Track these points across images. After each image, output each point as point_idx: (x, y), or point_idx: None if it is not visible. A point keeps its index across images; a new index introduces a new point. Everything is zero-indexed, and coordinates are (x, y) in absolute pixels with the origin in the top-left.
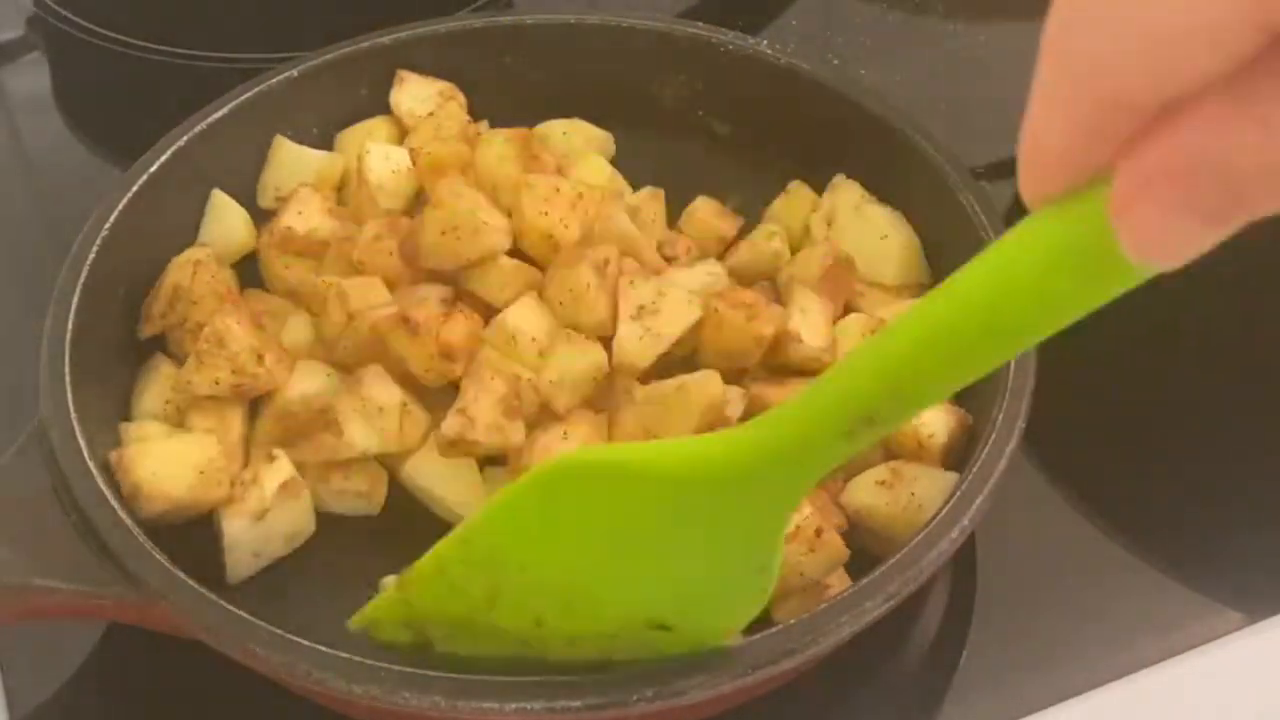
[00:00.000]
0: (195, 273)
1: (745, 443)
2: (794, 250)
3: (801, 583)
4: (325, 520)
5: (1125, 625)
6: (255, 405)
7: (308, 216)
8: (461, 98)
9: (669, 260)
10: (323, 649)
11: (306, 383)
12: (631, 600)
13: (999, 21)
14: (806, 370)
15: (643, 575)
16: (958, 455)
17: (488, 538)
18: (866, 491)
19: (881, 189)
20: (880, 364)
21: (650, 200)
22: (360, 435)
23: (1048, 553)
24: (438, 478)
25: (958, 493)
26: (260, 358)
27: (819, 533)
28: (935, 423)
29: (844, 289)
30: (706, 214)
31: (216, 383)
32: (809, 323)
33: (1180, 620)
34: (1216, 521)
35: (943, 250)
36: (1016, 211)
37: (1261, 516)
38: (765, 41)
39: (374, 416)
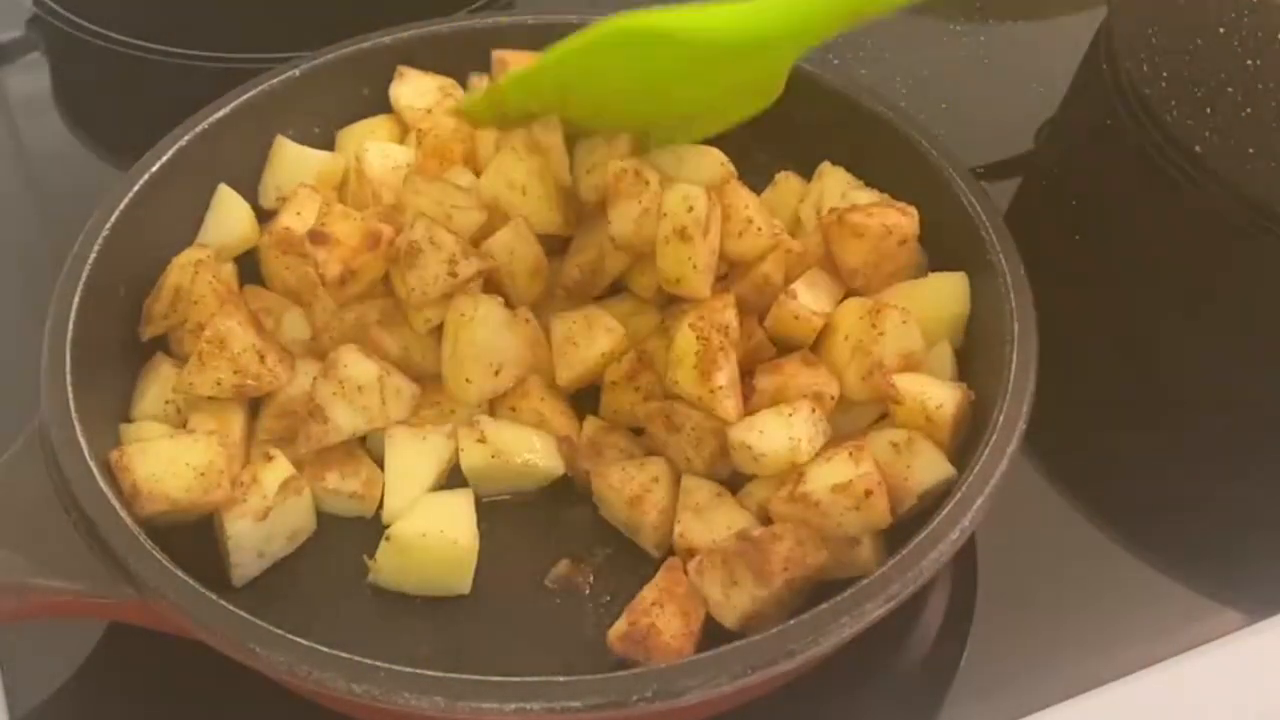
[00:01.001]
0: (196, 273)
1: (769, 13)
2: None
3: (838, 533)
4: (324, 521)
5: (1125, 625)
6: (254, 406)
7: (306, 217)
8: (461, 94)
9: None
10: (323, 649)
11: (307, 380)
12: (667, 105)
13: (999, 21)
14: (802, 341)
15: (678, 92)
16: (964, 430)
17: (560, 71)
18: (878, 445)
19: (882, 188)
20: None
21: None
22: (345, 418)
23: (1048, 553)
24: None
25: (958, 494)
26: (262, 358)
27: (868, 493)
28: (942, 395)
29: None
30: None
31: (218, 383)
32: (814, 293)
33: (1180, 620)
34: (1216, 521)
35: (943, 249)
36: (1017, 211)
37: (1261, 517)
38: None
39: (354, 396)
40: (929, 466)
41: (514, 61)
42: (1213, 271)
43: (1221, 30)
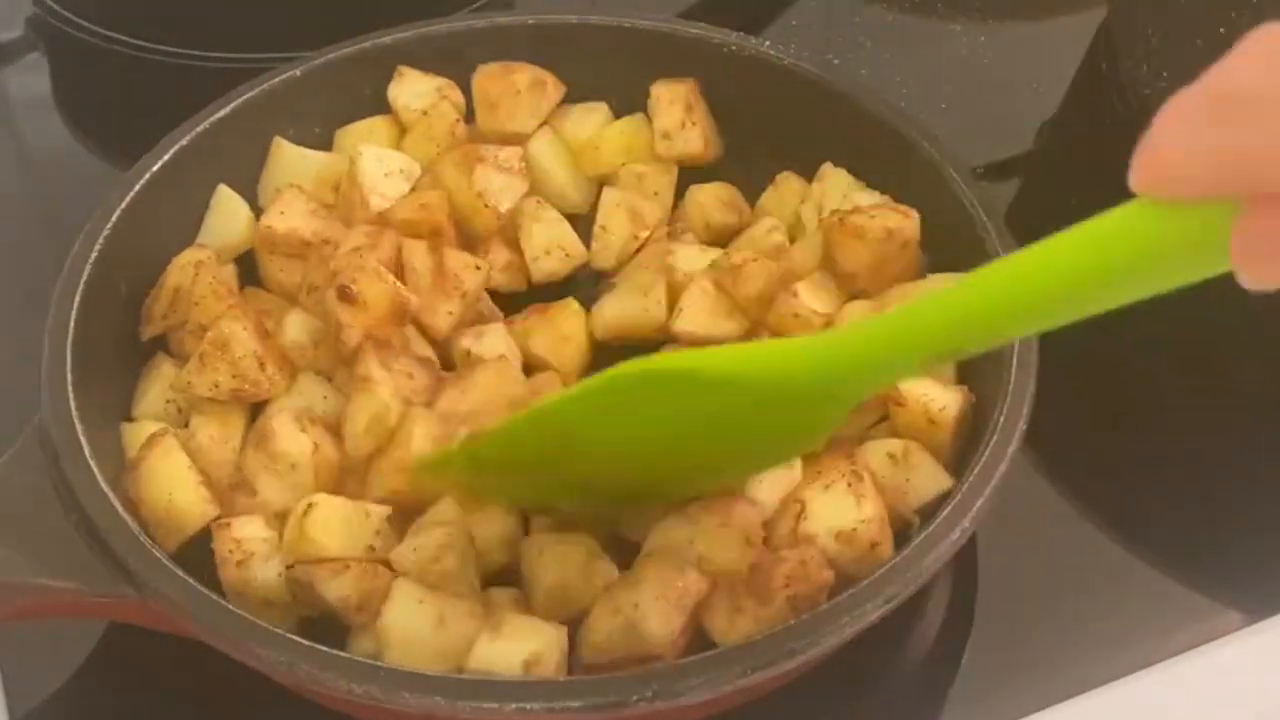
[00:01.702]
0: (197, 274)
1: (826, 351)
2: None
3: (837, 581)
4: None
5: (1125, 625)
6: (254, 407)
7: (289, 216)
8: (458, 95)
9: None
10: (323, 649)
11: (300, 399)
12: (681, 468)
13: (999, 21)
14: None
15: (697, 451)
16: (964, 434)
17: (559, 418)
18: (875, 458)
19: (883, 188)
20: (977, 301)
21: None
22: (274, 493)
23: (1048, 554)
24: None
25: (959, 494)
26: (262, 365)
27: (874, 545)
28: (944, 398)
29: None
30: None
31: (216, 385)
32: (816, 293)
33: (1180, 620)
34: (1216, 521)
35: (943, 250)
36: (1017, 211)
37: (1261, 516)
38: (767, 42)
39: (286, 473)
40: (928, 479)
41: (414, 79)
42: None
43: (1221, 30)
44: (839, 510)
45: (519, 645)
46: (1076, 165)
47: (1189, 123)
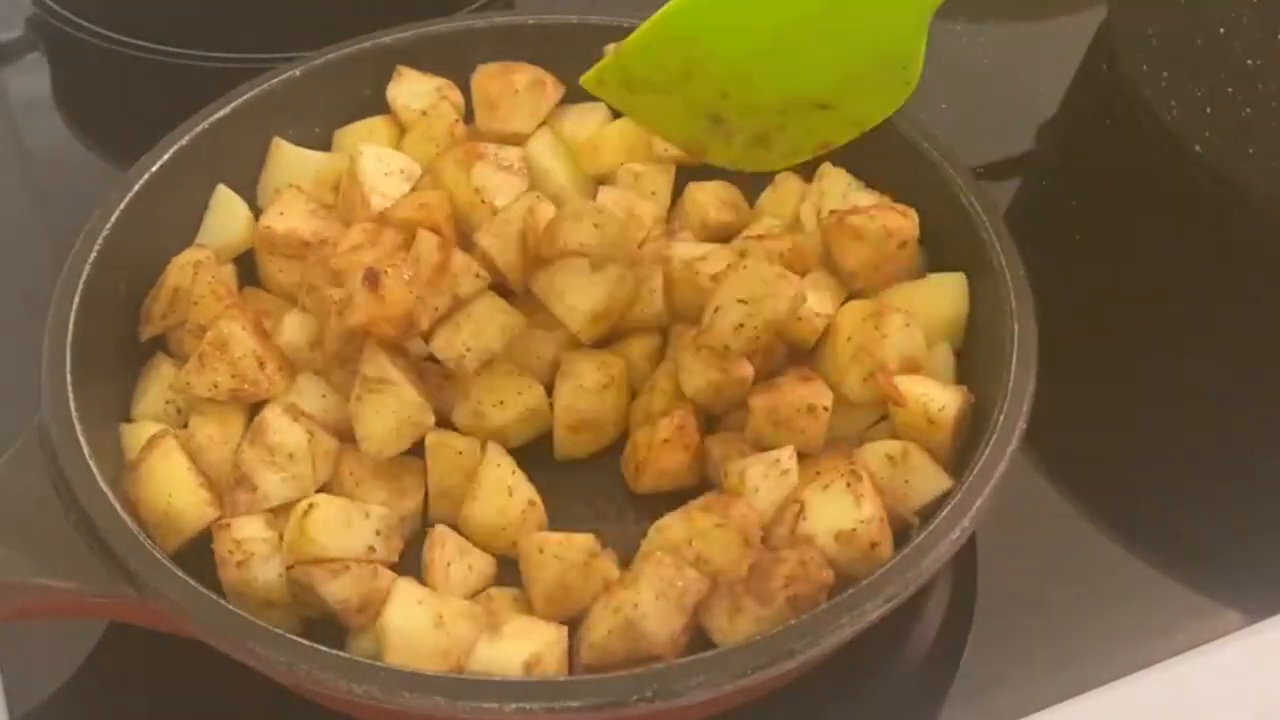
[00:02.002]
0: (196, 274)
1: None
2: None
3: (837, 581)
4: None
5: (1125, 625)
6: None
7: (288, 217)
8: (457, 95)
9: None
10: (323, 649)
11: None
12: (801, 79)
13: (999, 21)
14: (804, 342)
15: (811, 58)
16: (964, 434)
17: (684, 21)
18: (874, 459)
19: (882, 188)
20: None
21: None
22: (274, 487)
23: (1048, 554)
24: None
25: (959, 494)
26: (262, 365)
27: (873, 545)
28: (944, 398)
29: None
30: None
31: (215, 385)
32: (817, 293)
33: (1180, 620)
34: (1216, 521)
35: (942, 249)
36: (1017, 211)
37: (1261, 517)
38: None
39: (285, 464)
40: (927, 480)
41: (413, 79)
42: (1213, 271)
43: (1221, 30)
44: (838, 511)
45: (519, 646)
46: (1076, 165)
47: None
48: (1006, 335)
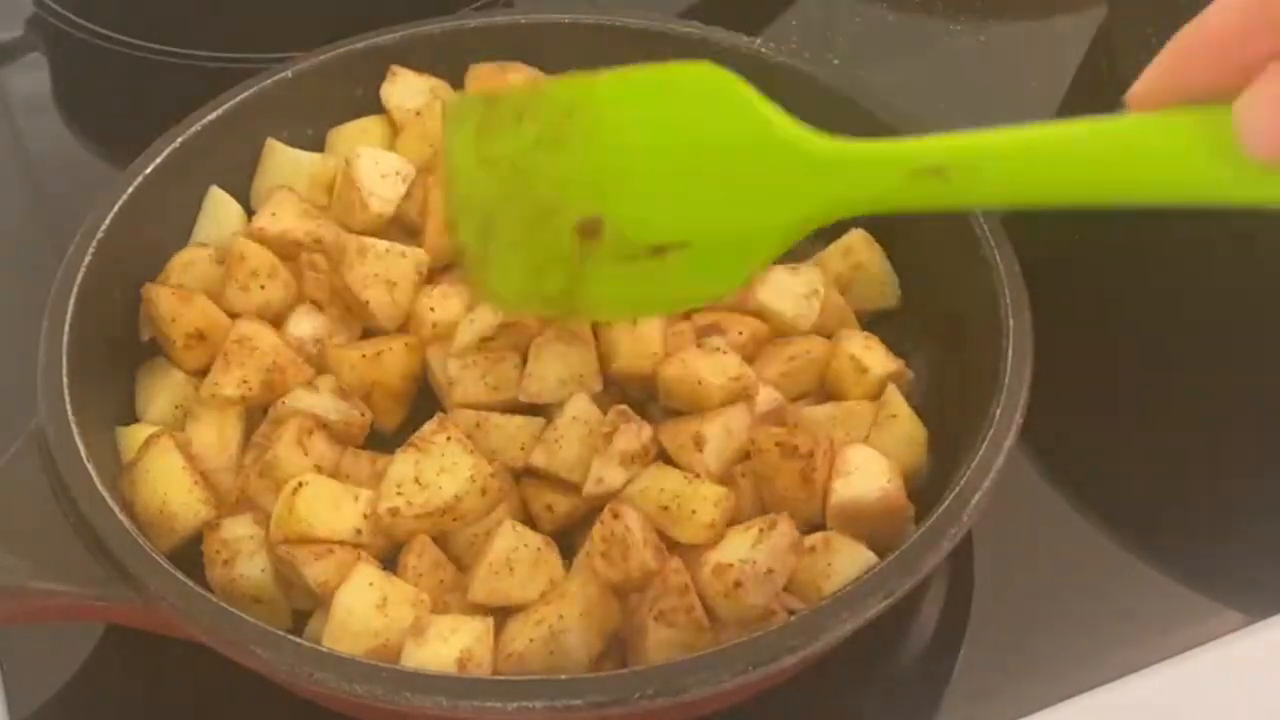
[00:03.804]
0: (194, 275)
1: (834, 143)
2: None
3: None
4: None
5: (1125, 625)
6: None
7: (281, 218)
8: (451, 95)
9: None
10: (324, 649)
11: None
12: (643, 209)
13: (999, 21)
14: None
15: (684, 194)
16: (892, 404)
17: (607, 93)
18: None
19: None
20: (978, 141)
21: None
22: (257, 570)
23: (1046, 553)
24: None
25: (956, 488)
26: (289, 352)
27: (737, 585)
28: (871, 359)
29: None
30: None
31: (245, 381)
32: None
33: (1180, 620)
34: (1216, 521)
35: (937, 246)
36: (1016, 211)
37: (1261, 517)
38: (759, 40)
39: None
40: (851, 560)
41: (408, 79)
42: (1212, 270)
43: None
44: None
45: (449, 645)
46: None
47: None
48: (1002, 330)
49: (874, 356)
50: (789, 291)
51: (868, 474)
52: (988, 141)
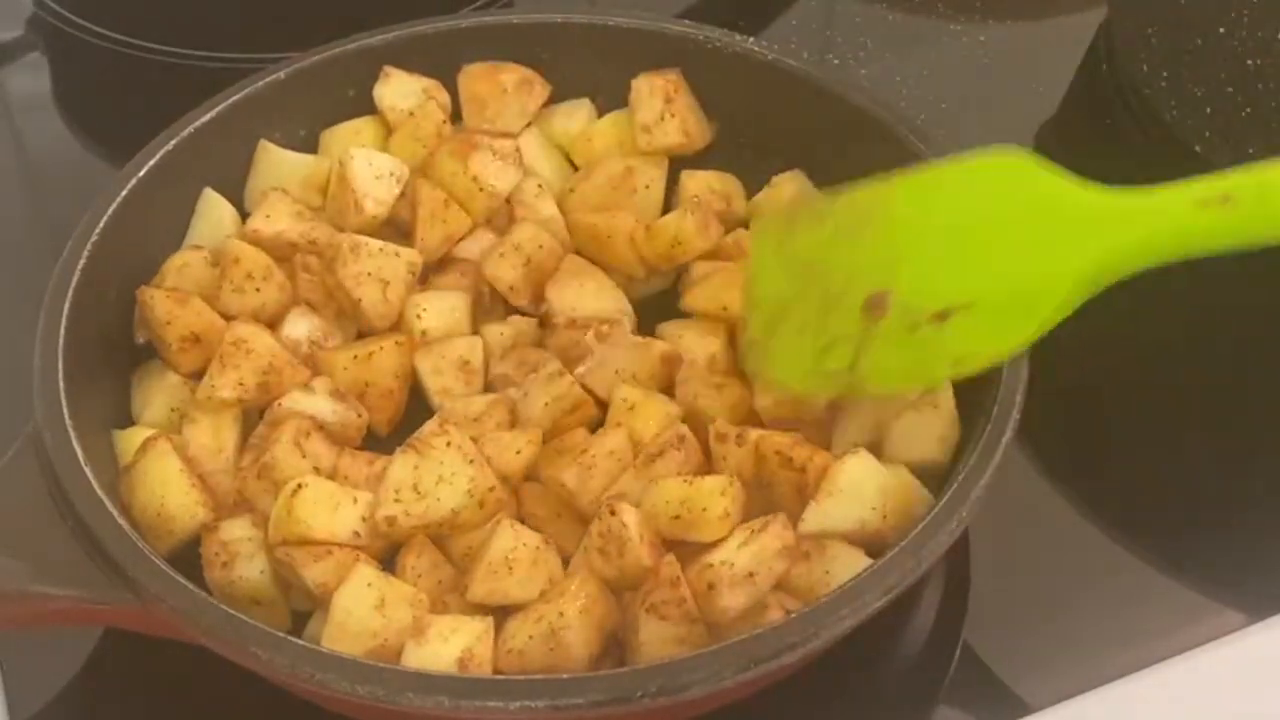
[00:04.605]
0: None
1: (1120, 194)
2: None
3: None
4: None
5: (1125, 625)
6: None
7: (274, 220)
8: (444, 96)
9: None
10: (325, 650)
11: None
12: (931, 277)
13: (999, 21)
14: None
15: (971, 258)
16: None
17: (911, 196)
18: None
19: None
20: (1265, 171)
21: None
22: (256, 571)
23: (1045, 552)
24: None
25: (955, 483)
26: (284, 354)
27: (710, 587)
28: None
29: None
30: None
31: (240, 384)
32: None
33: (1180, 620)
34: (1216, 521)
35: None
36: None
37: (1261, 516)
38: (751, 39)
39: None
40: (847, 565)
41: (400, 79)
42: (1211, 269)
43: (1221, 30)
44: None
45: (449, 645)
46: (1076, 165)
47: None
48: None
49: None
50: None
51: (852, 498)
52: (1275, 171)
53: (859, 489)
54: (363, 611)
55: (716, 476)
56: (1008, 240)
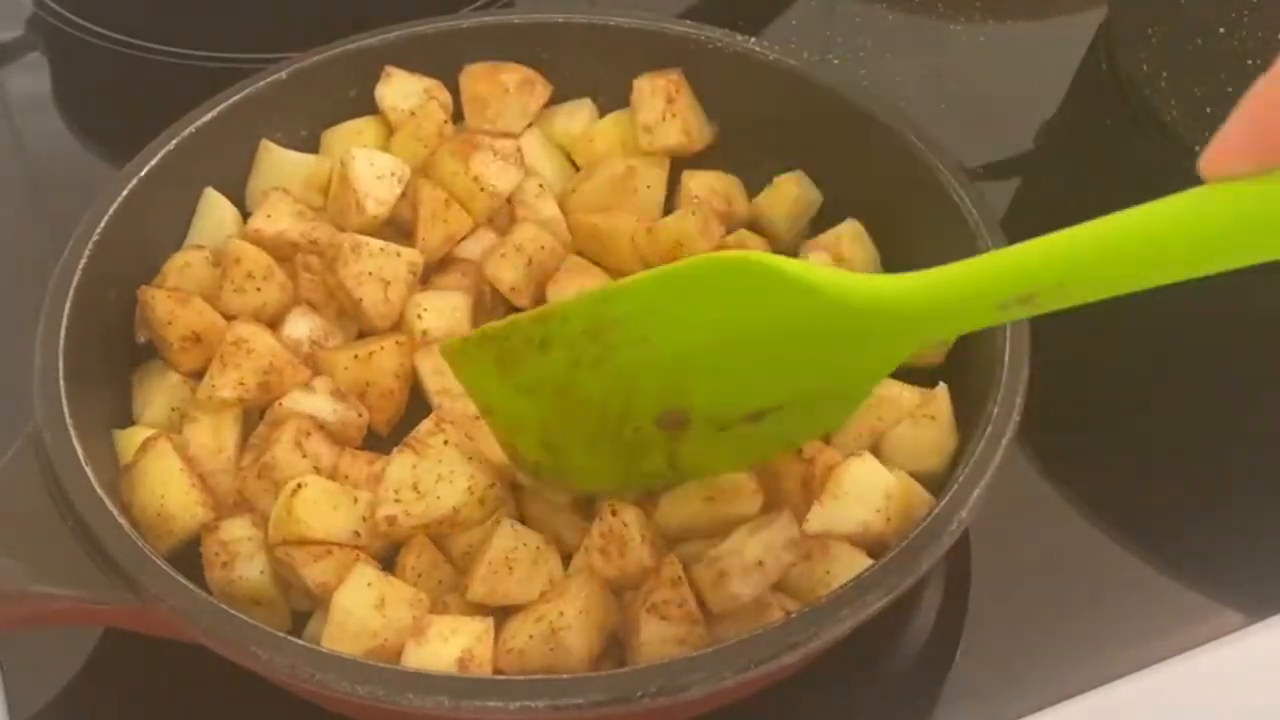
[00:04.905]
0: (190, 277)
1: (911, 290)
2: None
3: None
4: None
5: (1125, 625)
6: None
7: (276, 219)
8: (445, 96)
9: None
10: (325, 650)
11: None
12: (726, 391)
13: (999, 21)
14: None
15: (748, 372)
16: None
17: (627, 304)
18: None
19: (878, 187)
20: (1057, 253)
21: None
22: (256, 571)
23: (1044, 552)
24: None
25: (955, 485)
26: (284, 354)
27: (722, 575)
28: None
29: None
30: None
31: (241, 383)
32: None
33: (1180, 620)
34: (1216, 521)
35: (936, 247)
36: (1016, 212)
37: (1261, 517)
38: (753, 39)
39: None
40: (847, 566)
41: (402, 79)
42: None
43: (1221, 30)
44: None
45: (449, 645)
46: (1076, 165)
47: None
48: (999, 327)
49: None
50: None
51: (857, 499)
52: (1067, 255)
53: (863, 492)
54: (363, 611)
55: (730, 475)
56: (796, 349)
